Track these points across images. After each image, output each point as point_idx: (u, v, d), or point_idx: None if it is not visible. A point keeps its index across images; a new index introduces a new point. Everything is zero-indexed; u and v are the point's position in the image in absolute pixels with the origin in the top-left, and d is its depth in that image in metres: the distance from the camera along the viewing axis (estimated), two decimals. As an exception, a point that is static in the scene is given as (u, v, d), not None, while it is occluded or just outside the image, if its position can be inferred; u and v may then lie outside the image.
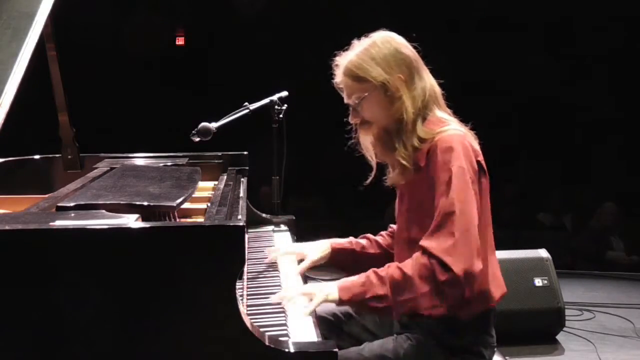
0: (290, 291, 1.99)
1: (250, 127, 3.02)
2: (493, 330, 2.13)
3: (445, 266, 1.87)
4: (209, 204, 2.29)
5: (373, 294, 1.91)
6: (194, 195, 2.20)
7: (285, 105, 3.13)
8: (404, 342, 2.07)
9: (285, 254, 2.38)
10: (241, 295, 1.97)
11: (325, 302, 1.95)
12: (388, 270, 1.94)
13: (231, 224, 1.56)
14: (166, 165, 2.75)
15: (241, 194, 2.53)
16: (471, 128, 2.12)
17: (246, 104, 3.06)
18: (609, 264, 6.05)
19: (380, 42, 2.09)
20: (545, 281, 3.95)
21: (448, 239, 1.89)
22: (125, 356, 1.50)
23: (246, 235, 2.18)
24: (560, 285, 3.99)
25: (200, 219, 2.26)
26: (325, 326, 2.20)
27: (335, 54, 2.15)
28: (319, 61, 2.22)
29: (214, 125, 2.92)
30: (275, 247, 2.46)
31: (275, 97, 3.12)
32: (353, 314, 2.30)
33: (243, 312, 1.53)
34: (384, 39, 2.11)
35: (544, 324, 3.99)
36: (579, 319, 4.45)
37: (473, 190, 1.97)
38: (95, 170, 2.62)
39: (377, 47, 2.08)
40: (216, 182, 2.74)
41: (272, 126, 3.14)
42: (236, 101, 3.08)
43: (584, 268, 5.85)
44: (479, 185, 2.02)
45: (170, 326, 1.50)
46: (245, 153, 3.07)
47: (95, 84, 6.37)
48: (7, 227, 1.50)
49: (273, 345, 1.52)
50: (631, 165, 6.58)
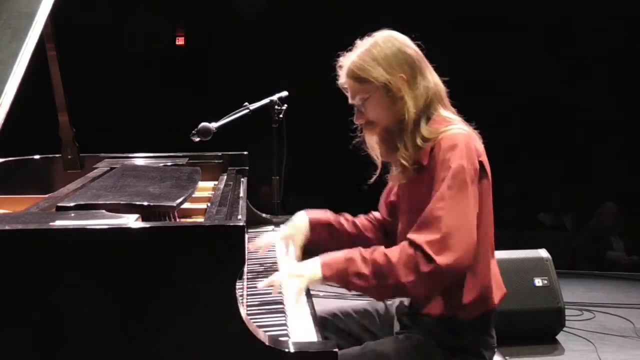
0: (278, 275, 2.00)
1: (250, 127, 3.03)
2: (493, 331, 2.12)
3: (429, 258, 1.88)
4: (209, 204, 2.29)
5: (356, 271, 1.92)
6: (194, 195, 2.20)
7: (285, 105, 3.13)
8: (404, 342, 2.07)
9: (272, 242, 2.37)
10: (241, 295, 1.97)
11: (311, 282, 1.95)
12: (373, 253, 1.94)
13: (231, 224, 1.56)
14: (166, 165, 2.75)
15: (241, 194, 2.53)
16: (475, 128, 2.12)
17: (246, 104, 3.06)
18: (609, 264, 6.05)
19: (382, 42, 2.08)
20: (545, 281, 3.95)
21: (435, 233, 1.90)
22: (125, 356, 1.50)
23: (246, 235, 2.18)
24: (560, 285, 3.98)
25: (200, 219, 2.26)
26: (325, 326, 2.20)
27: (338, 55, 2.14)
28: (319, 61, 2.22)
29: (214, 125, 2.92)
30: (260, 238, 2.42)
31: (275, 97, 3.12)
32: (353, 313, 2.30)
33: (243, 312, 1.53)
34: (386, 38, 2.10)
35: (544, 324, 3.99)
36: (579, 319, 4.45)
37: (472, 189, 1.96)
38: (95, 170, 2.61)
39: (379, 47, 2.07)
40: (216, 182, 2.74)
41: (272, 126, 3.14)
42: (236, 101, 3.08)
43: (584, 268, 5.84)
44: (480, 185, 2.01)
45: (170, 326, 1.50)
46: (245, 153, 3.07)
47: (95, 84, 6.37)
48: (7, 227, 1.50)
49: (273, 345, 1.52)
50: (631, 165, 6.58)
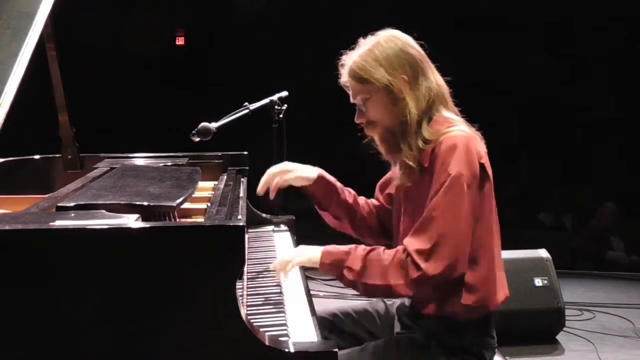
0: (279, 260, 2.08)
1: (250, 127, 3.03)
2: (494, 332, 2.12)
3: (418, 266, 1.93)
4: (209, 204, 2.29)
5: (350, 264, 1.99)
6: (194, 195, 2.20)
7: (285, 105, 3.13)
8: (405, 343, 2.07)
9: (276, 172, 2.32)
10: (241, 295, 1.97)
11: (308, 263, 2.03)
12: (371, 252, 2.00)
13: (231, 224, 1.56)
14: (166, 165, 2.75)
15: (241, 194, 2.53)
16: (477, 129, 2.11)
17: (246, 104, 3.06)
18: (609, 264, 6.05)
19: (384, 42, 2.08)
20: (545, 281, 3.95)
21: (426, 241, 1.94)
22: (125, 356, 1.50)
23: (246, 235, 2.18)
24: (560, 285, 3.98)
25: (200, 219, 2.26)
26: (325, 326, 2.20)
27: (341, 53, 2.14)
28: (319, 61, 2.22)
29: (214, 125, 2.92)
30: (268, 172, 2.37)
31: (275, 97, 3.12)
32: (353, 313, 2.30)
33: (243, 312, 1.53)
34: (388, 38, 2.09)
35: (544, 324, 3.99)
36: (579, 319, 4.44)
37: (470, 195, 1.96)
38: (95, 170, 2.61)
39: (381, 47, 2.06)
40: (216, 182, 2.74)
41: (272, 126, 3.14)
42: (236, 101, 3.08)
43: (584, 268, 5.84)
44: (481, 188, 2.01)
45: (170, 326, 1.50)
46: (245, 153, 3.07)
47: (95, 84, 6.36)
48: (7, 227, 1.51)
49: (273, 345, 1.52)
50: (631, 165, 6.58)
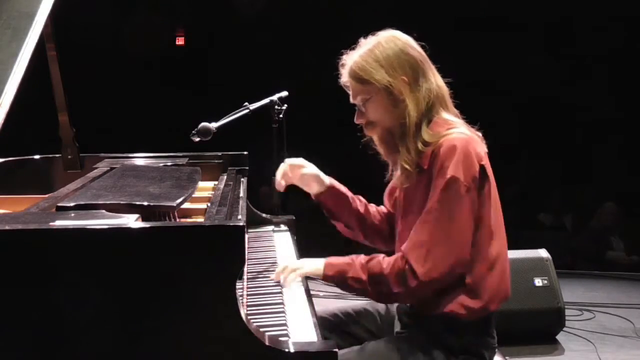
0: (282, 268, 2.13)
1: (250, 127, 3.02)
2: (494, 332, 2.12)
3: (414, 273, 1.96)
4: (209, 204, 2.29)
5: (354, 274, 2.03)
6: (194, 195, 2.20)
7: (285, 105, 3.13)
8: (405, 342, 2.07)
9: (289, 165, 2.34)
10: (241, 295, 1.97)
11: (311, 274, 2.10)
12: (371, 261, 2.04)
13: (231, 224, 1.56)
14: (166, 165, 2.75)
15: (241, 194, 2.53)
16: (477, 129, 2.11)
17: (246, 104, 3.06)
18: (609, 264, 6.05)
19: (385, 42, 2.07)
20: (545, 281, 3.95)
21: (421, 246, 1.97)
22: (125, 356, 1.50)
23: (246, 235, 2.18)
24: (560, 285, 3.98)
25: (200, 219, 2.26)
26: (326, 326, 2.20)
27: (341, 53, 2.14)
28: (319, 61, 2.22)
29: (214, 125, 2.92)
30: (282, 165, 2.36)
31: (275, 97, 3.12)
32: (353, 313, 2.30)
33: (243, 312, 1.53)
34: (389, 38, 2.09)
35: (544, 324, 3.99)
36: (579, 319, 4.44)
37: (469, 199, 1.96)
38: (95, 170, 2.61)
39: (382, 47, 2.06)
40: (216, 182, 2.74)
41: (272, 126, 3.14)
42: (236, 101, 3.08)
43: (584, 268, 5.84)
44: (481, 190, 2.00)
45: (170, 326, 1.50)
46: (245, 153, 3.07)
47: (95, 84, 6.37)
48: (7, 227, 1.50)
49: (273, 345, 1.52)
50: (631, 165, 6.58)
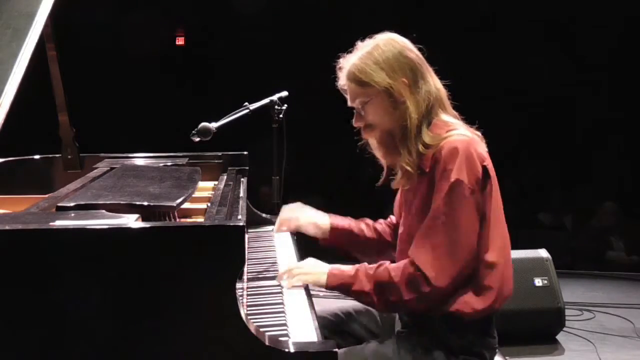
0: (287, 269, 2.10)
1: (250, 127, 3.02)
2: (495, 332, 2.12)
3: (427, 279, 1.95)
4: (209, 204, 2.29)
5: (358, 288, 2.00)
6: (194, 195, 2.20)
7: (285, 105, 3.13)
8: (405, 342, 2.07)
9: (289, 215, 2.40)
10: (241, 295, 1.97)
11: (313, 283, 2.06)
12: (377, 271, 2.00)
13: (231, 224, 1.56)
14: (166, 165, 2.75)
15: (241, 194, 2.53)
16: (477, 128, 2.11)
17: (246, 104, 3.06)
18: (609, 264, 6.05)
19: (384, 45, 2.07)
20: (545, 281, 3.95)
21: (431, 250, 1.96)
22: (125, 356, 1.50)
23: (246, 235, 2.18)
24: (560, 285, 3.99)
25: (200, 219, 2.26)
26: (326, 326, 2.20)
27: (339, 56, 2.13)
28: (319, 61, 2.22)
29: (214, 125, 2.92)
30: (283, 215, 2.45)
31: (275, 97, 3.12)
32: (354, 313, 2.30)
33: (243, 312, 1.53)
34: (387, 41, 2.08)
35: (544, 324, 3.99)
36: (579, 319, 4.45)
37: (473, 200, 1.96)
38: (95, 170, 2.61)
39: (381, 50, 2.05)
40: (216, 182, 2.74)
41: (272, 126, 3.14)
42: (236, 101, 3.08)
43: (583, 268, 5.84)
44: (484, 191, 2.00)
45: (170, 326, 1.50)
46: (245, 153, 3.07)
47: (95, 84, 6.37)
48: (7, 227, 1.50)
49: (273, 345, 1.52)
50: (631, 165, 6.59)
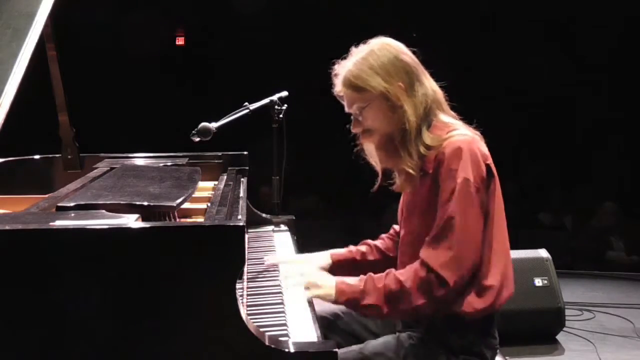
0: (293, 274, 2.07)
1: (250, 127, 3.02)
2: (496, 332, 2.12)
3: (442, 281, 1.93)
4: (209, 204, 2.29)
5: (367, 302, 1.98)
6: (194, 195, 2.20)
7: (285, 105, 3.13)
8: (406, 341, 2.07)
9: (285, 262, 2.37)
10: (241, 295, 1.97)
11: (320, 297, 2.01)
12: (386, 280, 1.98)
13: (231, 224, 1.56)
14: (166, 165, 2.75)
15: (241, 194, 2.53)
16: (475, 127, 2.11)
17: (246, 104, 3.06)
18: (609, 264, 6.05)
19: (378, 50, 2.07)
20: (545, 281, 3.95)
21: (446, 251, 1.94)
22: (125, 356, 1.50)
23: (246, 235, 2.18)
24: (560, 285, 3.99)
25: (200, 219, 2.26)
26: (326, 325, 2.20)
27: (333, 62, 2.13)
28: (319, 61, 2.21)
29: (214, 125, 2.92)
30: (276, 255, 2.45)
31: (275, 97, 3.12)
32: (354, 313, 2.29)
33: (243, 312, 1.53)
34: (382, 46, 2.08)
35: (544, 324, 3.99)
36: (579, 319, 4.45)
37: (479, 199, 1.97)
38: (95, 170, 2.61)
39: (375, 55, 2.05)
40: (216, 182, 2.74)
41: (272, 126, 3.14)
42: (236, 101, 3.08)
43: (583, 268, 5.85)
44: (488, 189, 2.01)
45: (170, 326, 1.50)
46: (245, 153, 3.07)
47: (95, 84, 6.36)
48: (7, 227, 1.50)
49: (273, 345, 1.52)
50: (631, 165, 6.58)
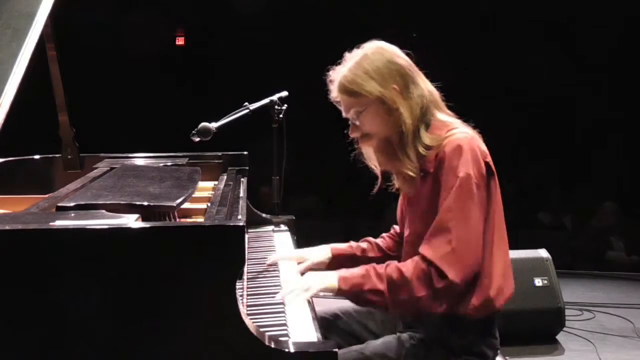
0: (291, 284, 2.01)
1: (250, 127, 3.02)
2: (497, 332, 2.12)
3: (442, 274, 1.93)
4: (209, 204, 2.29)
5: (371, 286, 1.96)
6: (194, 195, 2.20)
7: (285, 105, 3.13)
8: (407, 341, 2.07)
9: (285, 258, 2.37)
10: (241, 295, 1.97)
11: (324, 291, 1.99)
12: (387, 269, 1.98)
13: (231, 224, 1.56)
14: (166, 165, 2.75)
15: (241, 194, 2.53)
16: (473, 126, 2.11)
17: (246, 104, 3.06)
18: (609, 264, 6.06)
19: (372, 54, 2.07)
20: (545, 281, 3.95)
21: (446, 246, 1.94)
22: (125, 356, 1.50)
23: (246, 235, 2.18)
24: (560, 285, 3.99)
25: (200, 219, 2.26)
26: (326, 326, 2.20)
27: (328, 69, 2.13)
28: (319, 61, 2.22)
29: (214, 125, 2.92)
30: (276, 253, 2.45)
31: (275, 97, 3.12)
32: (354, 313, 2.30)
33: (243, 312, 1.53)
34: (375, 50, 2.08)
35: (544, 324, 3.99)
36: (579, 319, 4.45)
37: (480, 195, 1.97)
38: (95, 170, 2.61)
39: (369, 59, 2.05)
40: (216, 182, 2.74)
41: (272, 126, 3.14)
42: (236, 101, 3.08)
43: (583, 268, 5.85)
44: (488, 187, 2.01)
45: (170, 326, 1.50)
46: (245, 153, 3.07)
47: (95, 84, 6.36)
48: (7, 227, 1.50)
49: (273, 345, 1.52)
50: (631, 165, 6.58)
